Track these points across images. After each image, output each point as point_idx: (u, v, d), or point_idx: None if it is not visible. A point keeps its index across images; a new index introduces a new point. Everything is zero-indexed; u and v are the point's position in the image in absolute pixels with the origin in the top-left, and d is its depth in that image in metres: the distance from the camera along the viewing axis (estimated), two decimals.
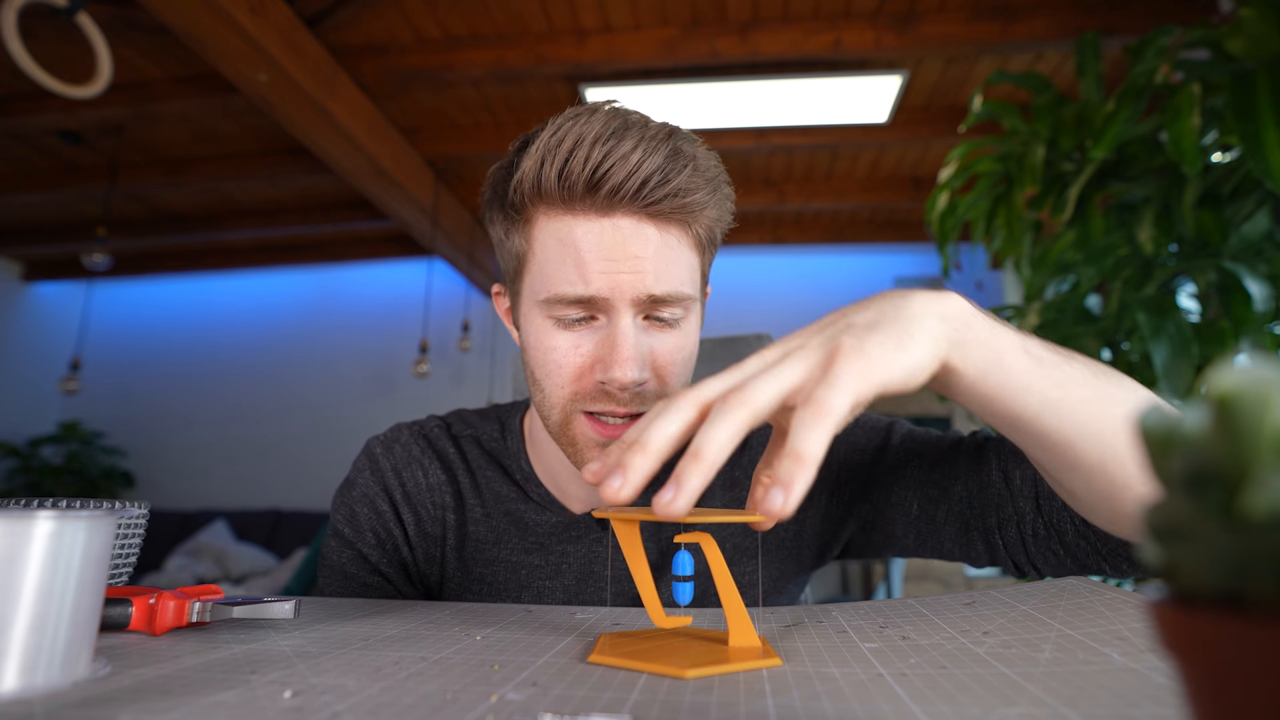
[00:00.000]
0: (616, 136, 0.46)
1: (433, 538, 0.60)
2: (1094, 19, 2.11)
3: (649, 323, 0.50)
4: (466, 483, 0.61)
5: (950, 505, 0.52)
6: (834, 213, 3.73)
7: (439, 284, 4.08)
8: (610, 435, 0.49)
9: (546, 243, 0.49)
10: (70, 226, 3.82)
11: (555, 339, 0.49)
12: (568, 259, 0.47)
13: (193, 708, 0.25)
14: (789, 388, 0.32)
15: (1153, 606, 0.13)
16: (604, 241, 0.47)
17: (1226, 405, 0.11)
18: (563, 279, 0.48)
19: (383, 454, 0.62)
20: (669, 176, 0.46)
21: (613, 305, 0.48)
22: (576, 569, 0.58)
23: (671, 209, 0.48)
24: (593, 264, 0.47)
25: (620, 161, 0.46)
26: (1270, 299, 1.17)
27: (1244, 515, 0.11)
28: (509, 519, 0.59)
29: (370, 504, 0.60)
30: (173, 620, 0.37)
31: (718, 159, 0.52)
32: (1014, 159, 1.53)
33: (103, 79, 1.83)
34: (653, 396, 0.50)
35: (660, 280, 0.48)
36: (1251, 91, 1.07)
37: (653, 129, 0.47)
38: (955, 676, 0.28)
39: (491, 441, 0.63)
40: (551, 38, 2.33)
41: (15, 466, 3.91)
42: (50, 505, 0.41)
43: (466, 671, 0.30)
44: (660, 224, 0.48)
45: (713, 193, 0.49)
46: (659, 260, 0.48)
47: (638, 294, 0.47)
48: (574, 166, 0.46)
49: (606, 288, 0.47)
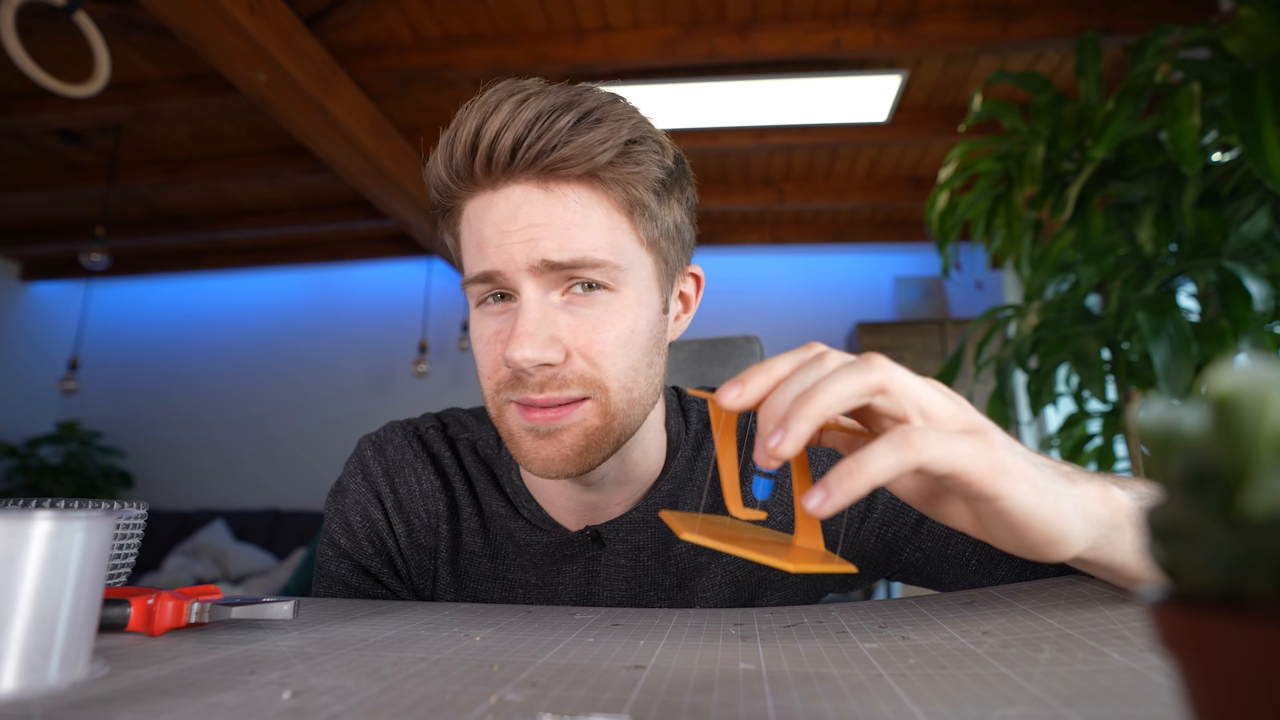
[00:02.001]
0: (506, 105, 0.43)
1: (425, 548, 0.57)
2: (1094, 18, 2.11)
3: (570, 298, 0.45)
4: (463, 489, 0.57)
5: (1012, 564, 0.50)
6: (833, 212, 3.73)
7: (438, 284, 4.08)
8: (536, 420, 0.45)
9: (462, 230, 0.48)
10: (69, 226, 3.82)
11: (481, 328, 0.47)
12: (473, 239, 0.46)
13: (191, 708, 0.25)
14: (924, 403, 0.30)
15: (1152, 606, 0.13)
16: (496, 214, 0.44)
17: (1226, 405, 0.11)
18: (470, 261, 0.46)
19: (374, 457, 0.58)
20: (546, 130, 0.42)
21: (511, 280, 0.44)
22: (573, 589, 0.55)
23: (558, 165, 0.43)
24: (489, 240, 0.44)
25: (490, 122, 0.43)
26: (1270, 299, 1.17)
27: (1243, 515, 0.11)
28: (504, 536, 0.56)
29: (363, 511, 0.57)
30: (171, 621, 0.37)
31: (636, 111, 0.47)
32: (1014, 158, 1.53)
33: (101, 78, 1.83)
34: (575, 381, 0.45)
35: (563, 247, 0.43)
36: (1251, 91, 1.07)
37: (553, 91, 0.44)
38: (955, 677, 0.28)
39: (486, 448, 0.59)
40: (551, 37, 2.33)
41: (13, 466, 3.90)
42: (48, 505, 0.41)
43: (466, 672, 0.30)
44: (555, 186, 0.44)
45: (616, 143, 0.44)
46: (560, 225, 0.43)
47: (532, 262, 0.43)
48: (456, 144, 0.44)
49: (500, 261, 0.44)
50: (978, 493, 0.29)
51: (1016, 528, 0.30)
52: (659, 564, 0.54)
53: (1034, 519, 0.30)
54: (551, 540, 0.54)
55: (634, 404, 0.48)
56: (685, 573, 0.55)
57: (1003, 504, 0.29)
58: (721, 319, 3.64)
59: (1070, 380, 1.56)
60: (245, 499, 4.02)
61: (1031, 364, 1.52)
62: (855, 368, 0.29)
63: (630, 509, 0.54)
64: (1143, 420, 0.14)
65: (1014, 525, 0.30)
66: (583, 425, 0.46)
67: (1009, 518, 0.30)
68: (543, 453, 0.46)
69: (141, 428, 4.25)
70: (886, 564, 0.55)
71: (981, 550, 0.52)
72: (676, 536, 0.54)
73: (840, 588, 0.59)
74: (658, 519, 0.55)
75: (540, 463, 0.46)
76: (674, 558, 0.55)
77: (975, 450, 0.29)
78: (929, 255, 3.82)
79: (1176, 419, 0.13)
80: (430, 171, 0.47)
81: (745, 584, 0.55)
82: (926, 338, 3.45)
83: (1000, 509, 0.30)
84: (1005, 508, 0.30)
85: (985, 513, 0.31)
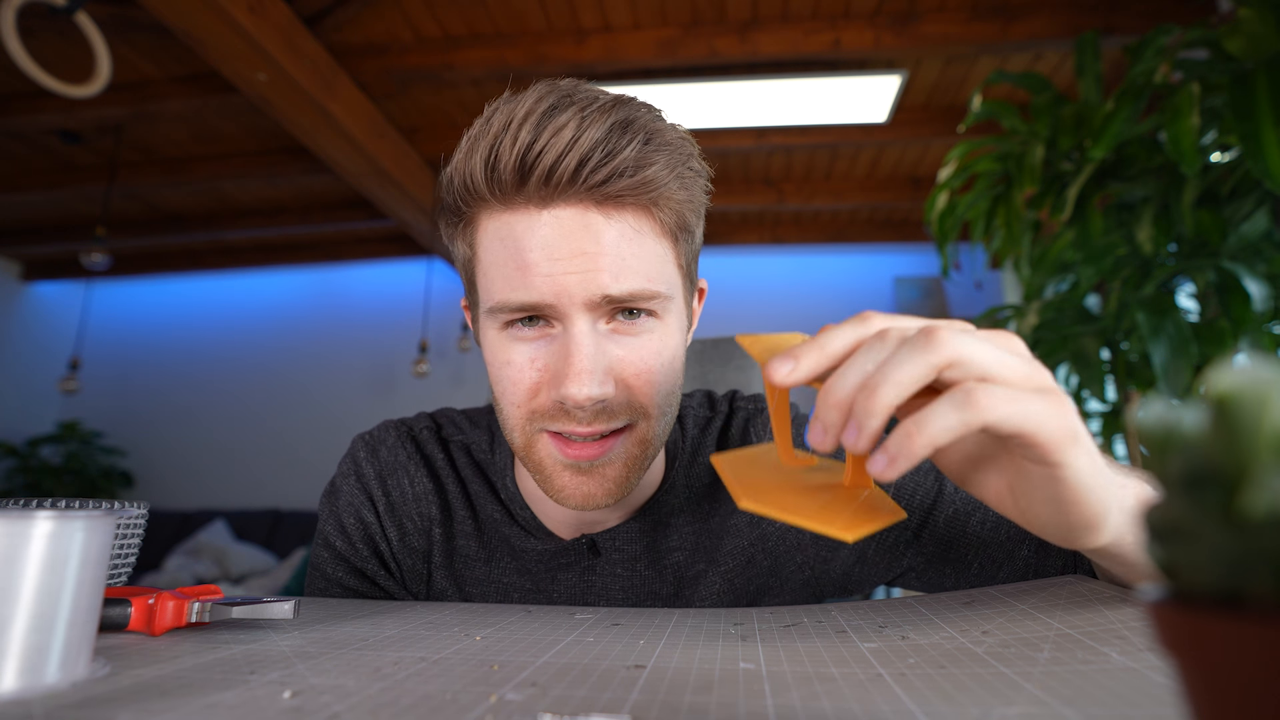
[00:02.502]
0: (551, 113, 0.40)
1: (418, 552, 0.56)
2: (1093, 19, 2.11)
3: (615, 325, 0.43)
4: (455, 492, 0.56)
5: (1015, 567, 0.50)
6: (833, 212, 3.73)
7: (438, 284, 4.08)
8: (579, 456, 0.43)
9: (489, 244, 0.43)
10: (69, 226, 3.82)
11: (509, 352, 0.44)
12: (509, 260, 0.42)
13: (191, 708, 0.25)
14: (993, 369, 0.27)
15: (1152, 606, 0.13)
16: (545, 238, 0.40)
17: (1225, 405, 0.11)
18: (505, 284, 0.42)
19: (367, 458, 0.57)
20: (613, 152, 0.39)
21: (563, 312, 0.41)
22: (568, 599, 0.53)
23: (623, 191, 0.40)
24: (535, 265, 0.40)
25: (552, 140, 0.39)
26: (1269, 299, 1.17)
27: (1243, 515, 0.11)
28: (499, 541, 0.55)
29: (356, 514, 0.56)
30: (172, 620, 0.37)
31: (684, 131, 0.45)
32: (1013, 159, 1.53)
33: (102, 78, 1.83)
34: (622, 411, 0.43)
35: (620, 278, 0.41)
36: (1250, 91, 1.07)
37: (600, 102, 0.41)
38: (954, 676, 0.28)
39: (480, 452, 0.57)
40: (551, 37, 2.33)
41: (14, 466, 3.90)
42: (49, 505, 0.41)
43: (466, 672, 0.30)
44: (612, 211, 0.41)
45: (674, 168, 0.42)
46: (616, 255, 0.41)
47: (590, 296, 0.41)
48: (501, 153, 0.40)
49: (551, 293, 0.40)
50: (1042, 456, 0.27)
51: (1064, 503, 0.28)
52: (655, 573, 0.54)
53: (1085, 496, 0.28)
54: (547, 549, 0.53)
55: (667, 427, 0.48)
56: (682, 581, 0.54)
57: (1063, 472, 0.28)
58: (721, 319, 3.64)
59: (1070, 380, 1.56)
60: (246, 499, 4.02)
61: None
62: (918, 348, 0.27)
63: (627, 519, 0.54)
64: (1142, 420, 0.14)
65: (1062, 500, 0.28)
66: (624, 456, 0.45)
67: (1062, 489, 0.28)
68: (583, 488, 0.45)
69: (142, 427, 4.25)
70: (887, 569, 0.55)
71: (984, 553, 0.51)
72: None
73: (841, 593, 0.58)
74: (654, 528, 0.54)
75: (580, 498, 0.45)
76: (670, 566, 0.54)
77: (1047, 411, 0.26)
78: (928, 255, 3.82)
79: (1176, 419, 0.13)
80: (455, 175, 0.43)
81: (743, 592, 0.54)
82: None
83: (1058, 478, 0.28)
84: (1064, 476, 0.28)
85: (1038, 482, 0.29)
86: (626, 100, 0.43)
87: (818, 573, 0.55)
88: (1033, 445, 0.27)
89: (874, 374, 0.27)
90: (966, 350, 0.26)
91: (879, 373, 0.26)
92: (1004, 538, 0.51)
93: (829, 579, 0.56)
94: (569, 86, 0.43)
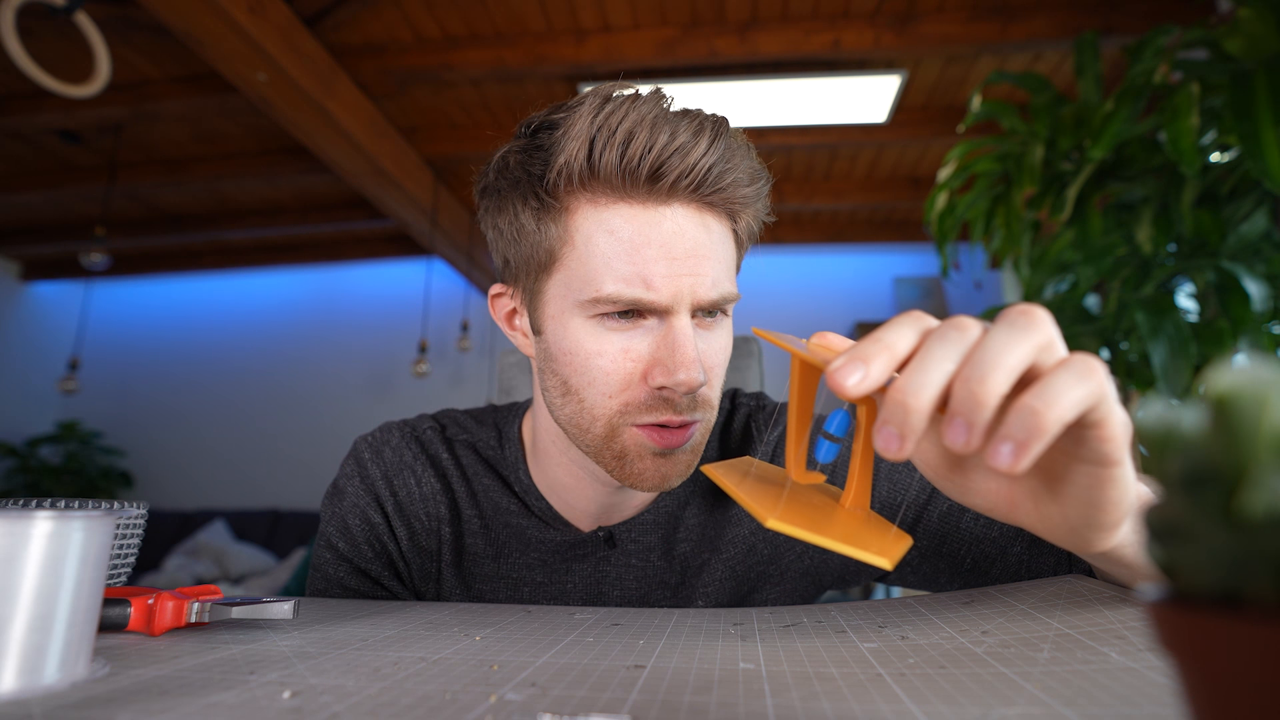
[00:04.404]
0: (672, 122, 0.42)
1: (427, 552, 0.56)
2: (1093, 19, 2.11)
3: (699, 321, 0.46)
4: (463, 491, 0.56)
5: (1007, 563, 0.51)
6: (833, 212, 3.73)
7: (438, 284, 4.08)
8: (670, 443, 0.45)
9: (592, 234, 0.44)
10: (69, 226, 3.82)
11: (600, 343, 0.44)
12: (621, 254, 0.43)
13: (191, 708, 0.25)
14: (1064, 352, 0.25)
15: (1151, 606, 0.13)
16: (662, 235, 0.43)
17: (1224, 405, 0.12)
18: (619, 277, 0.43)
19: (372, 459, 0.57)
20: (729, 168, 0.44)
21: (673, 310, 0.44)
22: (582, 589, 0.54)
23: (723, 201, 0.45)
24: (653, 264, 0.43)
25: (683, 150, 0.42)
26: (1268, 299, 1.17)
27: (1242, 515, 0.11)
28: (509, 531, 0.55)
29: (362, 515, 0.56)
30: (171, 621, 0.37)
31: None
32: (1013, 159, 1.53)
33: (101, 78, 1.83)
34: (704, 401, 0.46)
35: (716, 284, 0.45)
36: (1250, 91, 1.07)
37: (700, 116, 0.44)
38: (954, 676, 0.28)
39: (488, 449, 0.58)
40: (550, 37, 2.33)
41: (14, 466, 3.90)
42: (48, 505, 0.41)
43: (466, 672, 0.30)
44: (709, 215, 0.45)
45: (760, 187, 0.47)
46: (713, 259, 0.44)
47: (698, 299, 0.44)
48: (634, 152, 0.42)
49: (669, 295, 0.43)
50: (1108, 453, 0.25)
51: (1101, 504, 0.26)
52: (666, 564, 0.55)
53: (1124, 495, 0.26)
54: (564, 539, 0.55)
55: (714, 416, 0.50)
56: (688, 570, 0.56)
57: (1117, 471, 0.25)
58: None
59: None
60: (245, 499, 4.02)
61: None
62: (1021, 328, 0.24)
63: (643, 510, 0.55)
64: (1142, 420, 0.14)
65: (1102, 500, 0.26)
66: (695, 443, 0.48)
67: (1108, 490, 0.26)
68: (662, 470, 0.47)
69: (141, 428, 4.25)
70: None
71: (976, 549, 0.52)
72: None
73: (839, 585, 0.59)
74: (669, 519, 0.56)
75: (657, 479, 0.47)
76: (678, 556, 0.56)
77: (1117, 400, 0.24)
78: (928, 255, 3.82)
79: (1175, 419, 0.13)
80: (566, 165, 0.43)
81: (745, 579, 0.56)
82: None
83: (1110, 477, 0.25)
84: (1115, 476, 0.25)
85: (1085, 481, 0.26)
86: (721, 118, 0.45)
87: (816, 563, 0.57)
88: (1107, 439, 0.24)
89: (976, 361, 0.24)
90: (1056, 332, 0.25)
91: (982, 359, 0.24)
92: (996, 534, 0.51)
93: (828, 569, 0.57)
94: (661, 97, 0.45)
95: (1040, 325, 0.24)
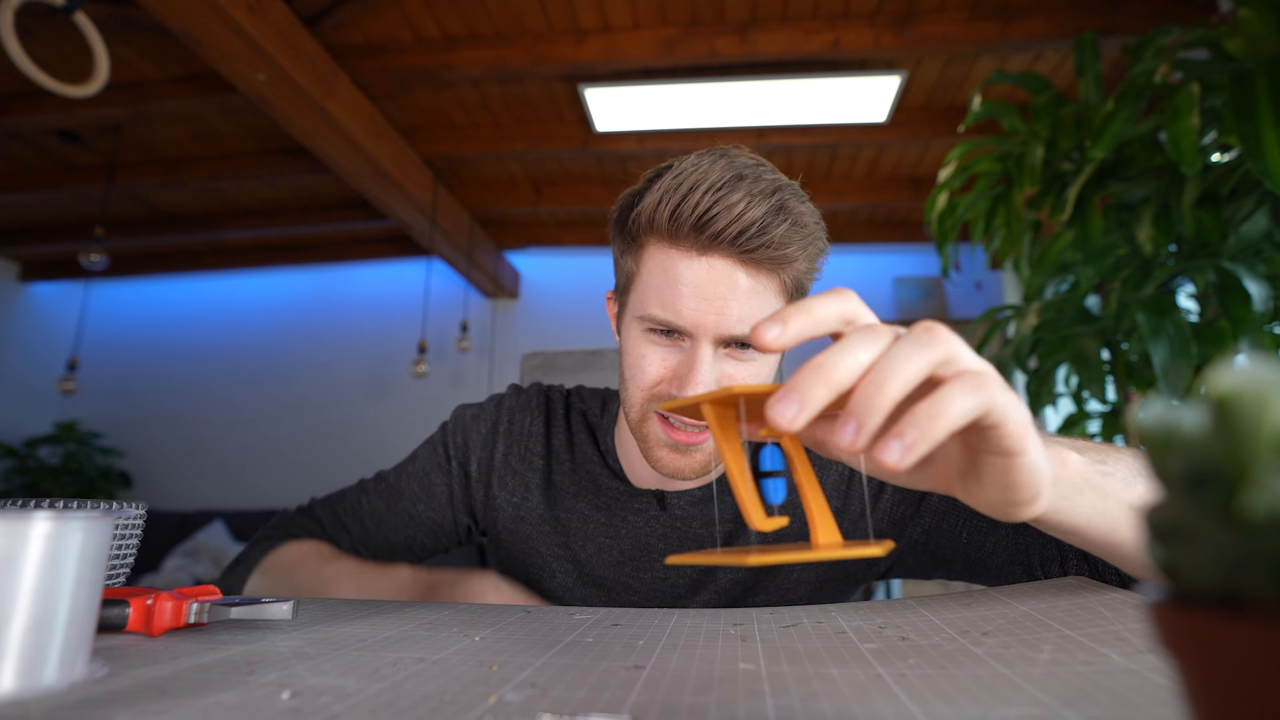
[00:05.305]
0: (729, 187, 0.52)
1: (517, 472, 0.71)
2: (1093, 19, 2.11)
3: (729, 351, 0.55)
4: (561, 441, 0.72)
5: (998, 539, 0.56)
6: (833, 213, 3.73)
7: (437, 284, 4.08)
8: (677, 440, 0.57)
9: (652, 269, 0.56)
10: (68, 226, 3.81)
11: (645, 349, 0.57)
12: (665, 287, 0.54)
13: (190, 709, 0.25)
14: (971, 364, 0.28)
15: (1152, 606, 0.13)
16: (697, 278, 0.53)
17: (1225, 405, 0.11)
18: (658, 303, 0.55)
19: (511, 395, 0.75)
20: (766, 229, 0.52)
21: (696, 337, 0.54)
22: (631, 537, 0.67)
23: (762, 258, 0.53)
24: (686, 298, 0.53)
25: (725, 210, 0.51)
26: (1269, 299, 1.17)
27: (1243, 515, 0.11)
28: (588, 475, 0.69)
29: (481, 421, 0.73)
30: (170, 621, 0.37)
31: (818, 216, 0.58)
32: (1013, 159, 1.53)
33: (100, 78, 1.83)
34: None
35: (743, 322, 0.53)
36: (1250, 91, 1.07)
37: (762, 183, 0.53)
38: (954, 677, 0.28)
39: (593, 415, 0.74)
40: (550, 37, 2.33)
41: (12, 467, 3.90)
42: (47, 506, 0.41)
43: (465, 672, 0.30)
44: (751, 269, 0.54)
45: (805, 247, 0.55)
46: (744, 303, 0.53)
47: (719, 332, 0.53)
48: (685, 209, 0.52)
49: (692, 322, 0.53)
50: (1009, 446, 0.28)
51: (1012, 486, 0.30)
52: (707, 532, 0.66)
53: (1031, 478, 0.30)
54: (625, 490, 0.68)
55: None
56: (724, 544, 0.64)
57: (1021, 460, 0.29)
58: None
59: (1070, 381, 1.56)
60: (244, 499, 4.02)
61: (1031, 364, 1.52)
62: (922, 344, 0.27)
63: (696, 486, 0.66)
64: (1142, 420, 0.14)
65: (1012, 483, 0.30)
66: (710, 450, 0.58)
67: (1016, 475, 0.29)
68: (676, 463, 0.58)
69: (140, 428, 4.24)
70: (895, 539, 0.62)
71: (970, 523, 0.58)
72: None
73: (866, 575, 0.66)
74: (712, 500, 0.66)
75: (672, 469, 0.59)
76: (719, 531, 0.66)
77: (1014, 402, 0.28)
78: (928, 256, 3.82)
79: (1176, 419, 0.13)
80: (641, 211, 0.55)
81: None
82: None
83: (1015, 465, 0.29)
84: (1021, 464, 0.29)
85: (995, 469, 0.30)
86: (785, 184, 0.55)
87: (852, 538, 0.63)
88: (1002, 436, 0.28)
89: (878, 369, 0.26)
90: (956, 348, 0.28)
91: (884, 368, 0.26)
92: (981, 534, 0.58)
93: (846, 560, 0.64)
94: (745, 163, 0.54)
95: (940, 342, 0.27)
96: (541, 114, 2.83)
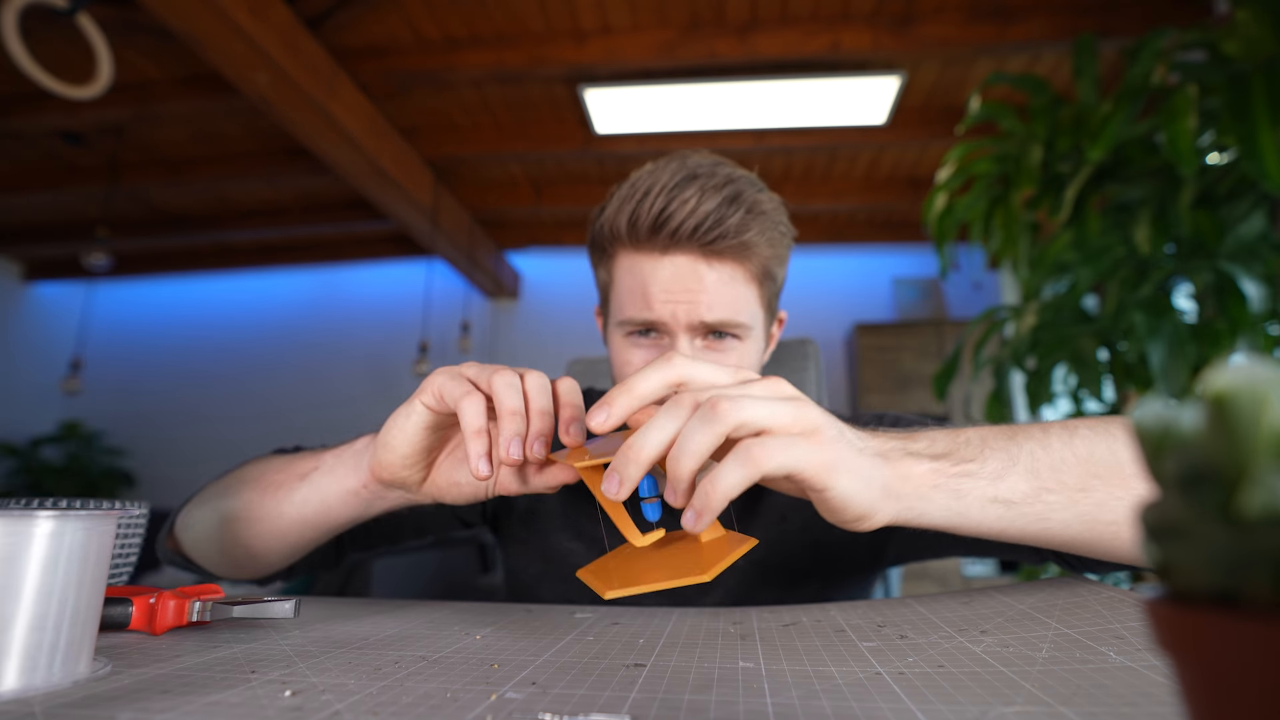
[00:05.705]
0: (681, 186, 0.54)
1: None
2: (1091, 21, 2.11)
3: (708, 343, 0.57)
4: None
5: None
6: (832, 213, 3.73)
7: (439, 284, 4.08)
8: None
9: (622, 275, 0.58)
10: (71, 227, 3.81)
11: (629, 354, 0.59)
12: (636, 290, 0.56)
13: (193, 707, 0.25)
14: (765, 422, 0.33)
15: (1149, 605, 0.13)
16: (664, 276, 0.55)
17: (1222, 405, 0.12)
18: (632, 306, 0.57)
19: None
20: (722, 220, 0.54)
21: (672, 330, 0.56)
22: None
23: (723, 249, 0.54)
24: (655, 295, 0.55)
25: (679, 207, 0.53)
26: (1266, 299, 1.18)
27: (1240, 514, 0.11)
28: None
29: None
30: (173, 619, 0.38)
31: (778, 202, 0.59)
32: (1011, 160, 1.53)
33: (103, 80, 1.83)
34: None
35: (713, 309, 0.55)
36: (1247, 93, 1.07)
37: (716, 178, 0.55)
38: (953, 675, 0.28)
39: None
40: (550, 39, 2.33)
41: (16, 466, 3.90)
42: (50, 505, 0.41)
43: (466, 671, 0.30)
44: (715, 261, 0.55)
45: (764, 232, 0.56)
46: (713, 293, 0.55)
47: (691, 320, 0.55)
48: (640, 213, 0.55)
49: (666, 315, 0.56)
50: (811, 486, 0.34)
51: (835, 510, 0.35)
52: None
53: (849, 504, 0.34)
54: None
55: None
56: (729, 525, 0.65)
57: (828, 494, 0.34)
58: None
59: (1068, 380, 1.56)
60: None
61: (1029, 364, 1.53)
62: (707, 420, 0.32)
63: None
64: (1139, 420, 0.14)
65: (833, 509, 0.35)
66: None
67: (830, 504, 0.34)
68: None
69: (143, 428, 4.25)
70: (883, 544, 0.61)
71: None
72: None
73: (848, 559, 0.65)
74: None
75: None
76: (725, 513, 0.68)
77: (809, 451, 0.33)
78: (927, 256, 3.82)
79: (1173, 419, 0.13)
80: (605, 223, 0.58)
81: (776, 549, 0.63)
82: (924, 338, 3.45)
83: (825, 498, 0.34)
84: (829, 497, 0.34)
85: (815, 499, 0.36)
86: (739, 176, 0.57)
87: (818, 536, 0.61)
88: (801, 480, 0.33)
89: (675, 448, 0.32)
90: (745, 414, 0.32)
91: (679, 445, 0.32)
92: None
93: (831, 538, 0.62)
94: (698, 162, 0.56)
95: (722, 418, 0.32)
96: (542, 115, 2.83)
